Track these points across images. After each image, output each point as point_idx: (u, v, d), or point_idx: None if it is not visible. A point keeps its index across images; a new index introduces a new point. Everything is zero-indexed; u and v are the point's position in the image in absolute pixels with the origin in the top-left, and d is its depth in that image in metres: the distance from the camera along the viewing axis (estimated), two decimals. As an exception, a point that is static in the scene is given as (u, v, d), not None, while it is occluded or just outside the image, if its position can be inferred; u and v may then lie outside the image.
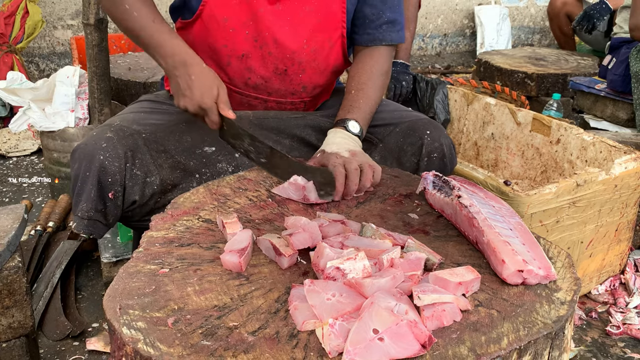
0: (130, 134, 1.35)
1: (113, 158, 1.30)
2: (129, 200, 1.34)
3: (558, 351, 0.87)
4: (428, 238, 1.10)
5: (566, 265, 1.00)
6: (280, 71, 1.45)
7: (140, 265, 0.99)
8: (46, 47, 4.17)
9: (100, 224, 1.33)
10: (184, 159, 1.40)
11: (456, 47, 5.50)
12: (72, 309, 1.77)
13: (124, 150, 1.31)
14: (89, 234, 1.33)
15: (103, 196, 1.30)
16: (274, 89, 1.49)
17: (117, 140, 1.32)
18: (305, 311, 0.83)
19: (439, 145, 1.44)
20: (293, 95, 1.51)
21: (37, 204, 2.50)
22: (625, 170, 1.72)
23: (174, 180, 1.39)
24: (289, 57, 1.44)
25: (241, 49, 1.42)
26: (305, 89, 1.51)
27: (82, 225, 1.31)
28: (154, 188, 1.36)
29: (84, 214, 1.30)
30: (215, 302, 0.90)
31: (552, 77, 3.32)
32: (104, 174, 1.29)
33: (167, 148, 1.38)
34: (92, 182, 1.29)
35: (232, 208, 1.21)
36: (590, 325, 1.75)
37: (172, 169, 1.39)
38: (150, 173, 1.35)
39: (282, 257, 0.99)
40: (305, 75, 1.48)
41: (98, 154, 1.29)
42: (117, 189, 1.31)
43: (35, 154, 3.05)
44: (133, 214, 1.37)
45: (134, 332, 0.82)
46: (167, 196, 1.38)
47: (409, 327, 0.78)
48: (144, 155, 1.35)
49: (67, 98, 2.21)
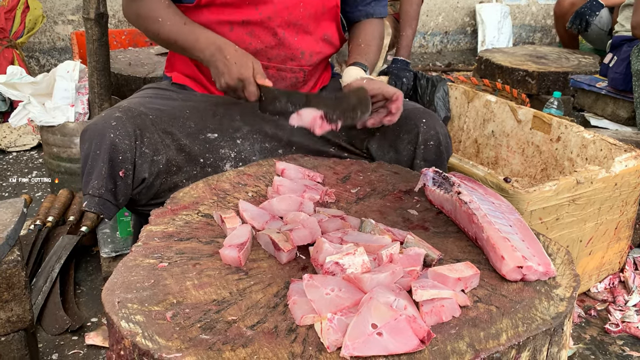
0: (138, 114, 1.37)
1: (123, 136, 1.31)
2: (139, 179, 1.35)
3: (557, 347, 0.87)
4: (427, 234, 1.10)
5: (565, 261, 1.00)
6: (279, 34, 1.50)
7: (139, 259, 0.98)
8: (47, 42, 4.17)
9: (110, 203, 1.33)
10: (189, 143, 1.43)
11: (457, 45, 5.49)
12: (71, 303, 1.77)
13: (133, 128, 1.33)
14: (99, 213, 1.32)
15: (114, 174, 1.31)
16: (274, 54, 1.53)
17: (126, 119, 1.33)
18: (304, 306, 0.83)
19: (435, 133, 1.45)
20: (292, 61, 1.56)
21: (37, 199, 2.50)
22: (625, 168, 1.71)
23: (179, 162, 1.41)
24: (286, 19, 1.49)
25: (242, 15, 1.47)
26: (304, 54, 1.56)
27: (92, 203, 1.31)
28: (160, 167, 1.38)
29: (95, 192, 1.30)
30: (214, 296, 0.90)
31: (553, 75, 3.31)
32: (115, 151, 1.30)
33: (172, 130, 1.42)
34: (103, 159, 1.29)
35: (231, 203, 1.20)
36: (589, 323, 1.75)
37: (177, 151, 1.42)
38: (157, 151, 1.37)
39: (281, 252, 0.98)
40: (299, 39, 1.53)
41: (109, 132, 1.30)
42: (127, 167, 1.32)
43: (35, 149, 3.05)
44: (140, 196, 1.38)
45: (133, 325, 0.82)
46: (173, 178, 1.41)
47: (408, 322, 0.78)
48: (151, 134, 1.37)
49: (67, 93, 2.21)
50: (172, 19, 1.45)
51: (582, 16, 3.49)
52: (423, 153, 1.45)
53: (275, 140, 1.51)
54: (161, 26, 1.45)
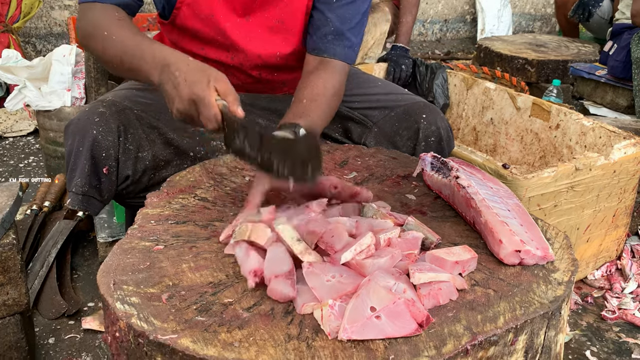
0: (122, 109, 1.34)
1: (106, 132, 1.29)
2: (123, 176, 1.33)
3: (554, 331, 0.87)
4: (425, 219, 1.09)
5: (564, 246, 0.99)
6: (256, 76, 1.44)
7: (135, 241, 0.98)
8: (43, 27, 4.13)
9: (96, 200, 1.31)
10: (176, 137, 1.39)
11: (456, 33, 5.46)
12: (67, 288, 1.77)
13: (116, 124, 1.30)
14: (84, 210, 1.31)
15: (97, 171, 1.29)
16: (252, 87, 1.48)
17: (110, 115, 1.30)
18: (305, 294, 0.82)
19: (436, 129, 1.42)
20: (273, 90, 1.51)
21: (33, 184, 2.49)
22: (624, 156, 1.71)
23: (167, 157, 1.38)
24: (262, 66, 1.42)
25: (215, 56, 1.41)
26: (285, 83, 1.50)
27: (76, 201, 1.30)
28: (146, 163, 1.35)
29: (79, 190, 1.29)
30: (210, 278, 0.89)
31: (553, 64, 3.29)
32: (97, 148, 1.28)
33: (158, 125, 1.37)
34: (85, 156, 1.27)
35: (228, 187, 1.20)
36: (585, 310, 1.75)
37: (164, 145, 1.38)
38: (142, 148, 1.34)
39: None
40: (279, 75, 1.46)
41: (91, 129, 1.28)
42: (111, 163, 1.30)
43: (32, 135, 3.03)
44: (127, 191, 1.36)
45: (128, 307, 0.81)
46: (161, 173, 1.37)
47: (407, 306, 0.77)
48: (136, 130, 1.34)
49: (64, 77, 2.19)
50: (118, 33, 1.18)
51: (585, 6, 3.47)
52: (424, 149, 1.42)
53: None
54: (105, 42, 1.19)
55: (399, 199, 1.18)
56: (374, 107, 1.48)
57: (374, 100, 1.48)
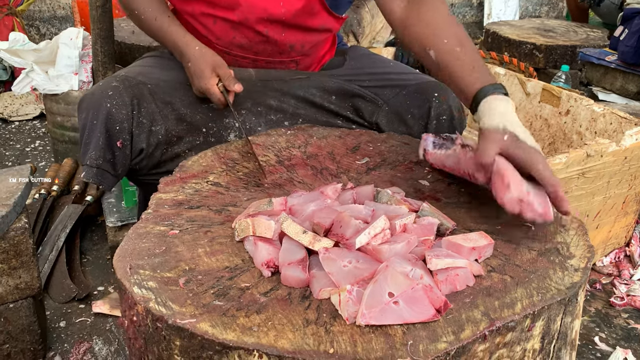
0: (135, 83, 1.35)
1: (120, 106, 1.29)
2: (137, 149, 1.33)
3: (570, 317, 0.87)
4: (439, 205, 1.09)
5: (580, 233, 0.99)
6: (263, 32, 1.41)
7: (149, 226, 0.98)
8: (47, 10, 4.10)
9: (109, 174, 1.32)
10: (189, 112, 1.39)
11: (463, 18, 5.41)
12: (77, 272, 1.77)
13: (130, 98, 1.31)
14: (98, 183, 1.32)
15: (111, 145, 1.30)
16: (260, 48, 1.45)
17: (124, 89, 1.31)
18: (322, 279, 0.82)
19: (447, 107, 1.41)
20: (281, 54, 1.47)
21: (41, 168, 2.49)
22: (635, 142, 1.70)
23: (179, 132, 1.38)
24: (267, 19, 1.39)
25: (221, 12, 1.40)
26: (293, 47, 1.46)
27: (91, 174, 1.30)
28: (159, 137, 1.35)
29: (93, 162, 1.29)
30: (226, 263, 0.89)
31: (561, 49, 3.27)
32: (111, 121, 1.28)
33: (172, 100, 1.38)
34: (99, 130, 1.28)
35: (240, 172, 1.19)
36: (594, 296, 1.76)
37: (177, 121, 1.38)
38: (155, 122, 1.35)
39: None
40: (287, 35, 1.42)
41: (105, 102, 1.28)
42: (125, 137, 1.30)
43: (38, 119, 3.03)
44: (140, 166, 1.36)
45: (145, 291, 0.81)
46: (174, 148, 1.38)
47: (425, 292, 0.77)
48: (149, 104, 1.34)
49: (71, 60, 2.18)
50: (146, 13, 1.40)
51: None
52: (435, 128, 1.41)
53: (280, 112, 1.47)
54: (138, 20, 1.43)
55: (413, 184, 1.17)
56: (385, 86, 1.47)
57: (385, 79, 1.48)
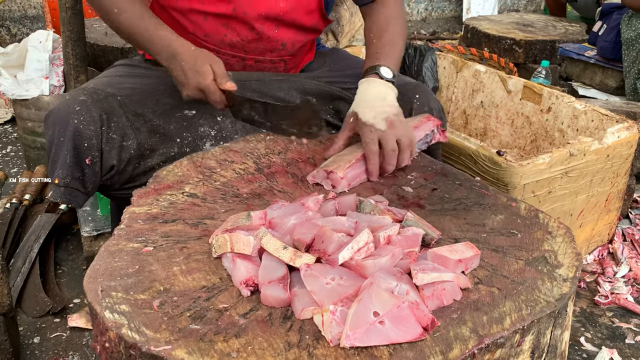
0: (104, 96, 1.29)
1: (88, 121, 1.24)
2: (107, 166, 1.28)
3: (560, 329, 0.84)
4: (423, 212, 1.06)
5: (567, 240, 0.97)
6: (257, 28, 1.39)
7: (122, 243, 0.93)
8: (17, 10, 3.99)
9: (79, 192, 1.26)
10: (162, 123, 1.34)
11: (442, 13, 5.40)
12: (51, 284, 1.71)
13: (98, 113, 1.25)
14: (67, 203, 1.26)
15: (80, 162, 1.24)
16: (252, 47, 1.43)
17: (92, 103, 1.26)
18: (304, 298, 0.78)
19: (429, 110, 1.40)
20: (272, 53, 1.46)
21: (12, 175, 2.41)
22: (617, 140, 1.69)
23: (152, 145, 1.33)
24: (264, 15, 1.38)
25: (214, 9, 1.37)
26: (285, 46, 1.45)
27: (59, 194, 1.24)
28: (131, 152, 1.30)
29: (61, 181, 1.24)
30: (203, 282, 0.85)
31: (540, 44, 3.26)
32: (79, 138, 1.23)
33: (144, 111, 1.33)
34: (67, 147, 1.22)
35: (217, 182, 1.15)
36: (579, 295, 1.75)
37: (150, 133, 1.33)
38: (126, 136, 1.29)
39: None
40: (280, 32, 1.42)
41: (72, 118, 1.23)
42: (94, 154, 1.25)
43: (9, 123, 2.94)
44: (112, 181, 1.31)
45: (118, 316, 0.77)
46: (147, 162, 1.33)
47: (411, 310, 0.74)
48: (119, 118, 1.29)
49: (41, 64, 2.10)
50: (128, 11, 1.29)
51: None
52: None
53: None
54: (117, 18, 1.30)
55: (396, 191, 1.14)
56: None
57: None
